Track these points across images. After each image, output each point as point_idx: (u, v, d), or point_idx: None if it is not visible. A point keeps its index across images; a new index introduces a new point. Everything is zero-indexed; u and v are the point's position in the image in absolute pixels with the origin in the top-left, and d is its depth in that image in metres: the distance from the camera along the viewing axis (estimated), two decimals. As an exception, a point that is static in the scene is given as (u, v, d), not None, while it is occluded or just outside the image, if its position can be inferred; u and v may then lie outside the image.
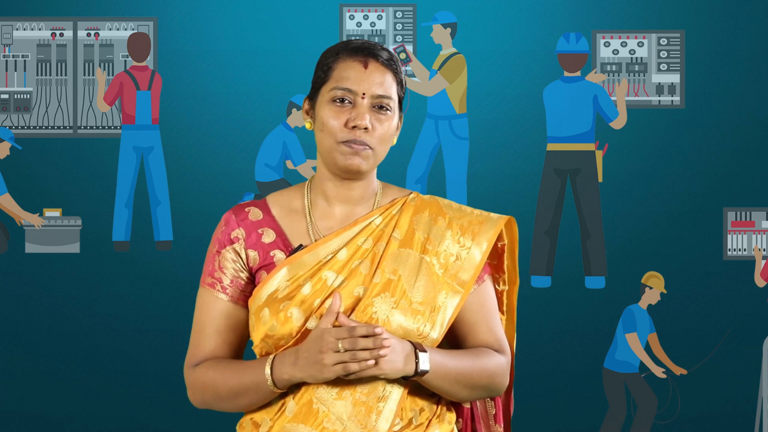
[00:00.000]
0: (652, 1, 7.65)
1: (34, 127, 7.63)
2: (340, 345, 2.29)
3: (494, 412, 2.61)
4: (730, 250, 7.55)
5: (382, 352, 2.30)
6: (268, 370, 2.38)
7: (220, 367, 2.44)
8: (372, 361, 2.30)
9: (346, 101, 2.43)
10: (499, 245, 2.57)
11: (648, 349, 7.09)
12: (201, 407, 2.51)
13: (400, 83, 2.48)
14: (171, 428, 7.15)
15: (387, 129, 2.44)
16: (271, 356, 2.40)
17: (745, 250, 7.54)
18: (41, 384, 7.33)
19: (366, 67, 2.43)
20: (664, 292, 7.17)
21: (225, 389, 2.43)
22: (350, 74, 2.43)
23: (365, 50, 2.45)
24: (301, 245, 2.44)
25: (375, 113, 2.43)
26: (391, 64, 2.45)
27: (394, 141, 2.51)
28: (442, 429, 2.48)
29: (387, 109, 2.44)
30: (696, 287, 7.49)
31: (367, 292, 2.40)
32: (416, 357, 2.36)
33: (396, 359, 2.34)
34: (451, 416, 2.52)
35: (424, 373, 2.37)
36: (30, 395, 7.31)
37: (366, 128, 2.41)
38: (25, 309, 7.45)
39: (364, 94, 2.42)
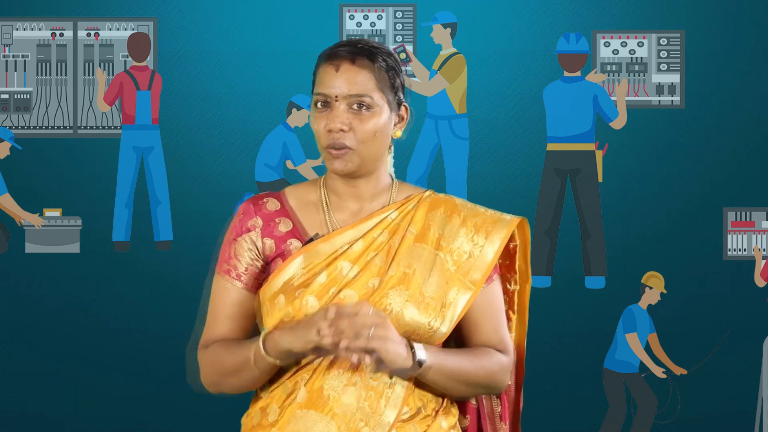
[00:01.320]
0: (652, 1, 7.65)
1: (34, 127, 7.63)
2: (342, 324, 2.32)
3: (500, 410, 2.63)
4: (730, 250, 7.55)
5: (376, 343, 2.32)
6: (260, 339, 2.41)
7: (226, 344, 2.49)
8: (355, 356, 2.33)
9: (327, 105, 2.46)
10: (511, 246, 2.61)
11: (648, 349, 7.09)
12: (212, 390, 2.54)
13: (385, 79, 2.48)
14: (171, 428, 7.15)
15: (372, 127, 2.46)
16: (263, 333, 2.43)
17: (745, 250, 7.54)
18: (41, 384, 7.33)
19: (337, 70, 2.46)
20: (664, 292, 7.17)
21: (229, 364, 2.46)
22: (324, 78, 2.47)
23: (340, 53, 2.47)
24: (317, 234, 2.47)
25: (354, 113, 2.45)
26: (367, 63, 2.46)
27: (398, 134, 2.53)
28: (448, 421, 2.51)
29: (367, 107, 2.45)
30: (696, 287, 7.49)
31: (381, 284, 2.43)
32: (412, 348, 2.38)
33: (398, 347, 2.35)
34: (455, 409, 2.55)
35: (422, 363, 2.38)
36: (30, 395, 7.31)
37: (342, 130, 2.44)
38: (25, 309, 7.45)
39: (336, 96, 2.45)
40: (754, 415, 7.10)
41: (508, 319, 2.63)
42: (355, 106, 2.45)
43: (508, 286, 2.63)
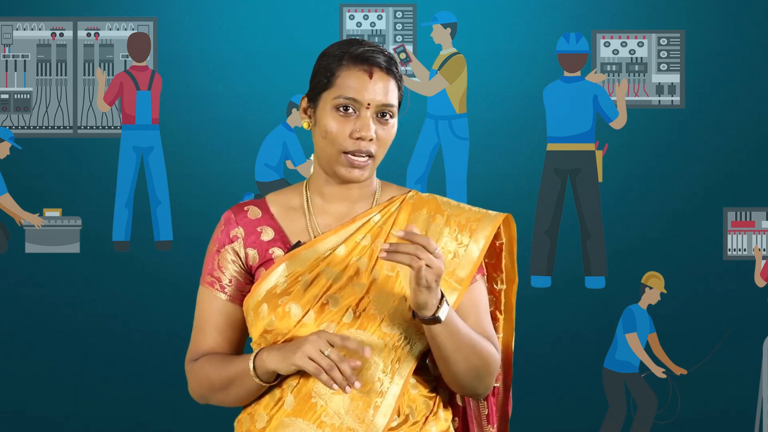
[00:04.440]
0: (652, 1, 7.65)
1: (34, 127, 7.63)
2: (327, 351, 2.30)
3: (486, 412, 2.61)
4: (730, 250, 7.55)
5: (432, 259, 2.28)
6: (252, 358, 2.40)
7: (215, 360, 2.47)
8: (337, 385, 2.30)
9: (350, 109, 2.44)
10: (497, 244, 2.58)
11: (648, 349, 7.09)
12: (200, 401, 2.54)
13: (400, 87, 2.49)
14: (171, 428, 7.15)
15: (391, 135, 2.47)
16: (261, 348, 2.42)
17: (745, 250, 7.54)
18: (41, 384, 7.33)
19: (371, 76, 2.44)
20: (664, 292, 7.17)
21: (218, 380, 2.45)
22: (355, 84, 2.43)
23: (369, 59, 2.45)
24: (299, 242, 2.45)
25: (378, 121, 2.45)
26: (391, 70, 2.46)
27: None
28: (438, 426, 2.49)
29: (390, 116, 2.46)
30: (696, 287, 7.49)
31: (365, 288, 2.42)
32: (440, 303, 2.34)
33: (437, 290, 2.31)
34: (447, 414, 2.53)
35: (438, 320, 2.34)
36: (30, 395, 7.31)
37: (371, 139, 2.43)
38: (25, 309, 7.45)
39: (368, 104, 2.43)
40: (754, 415, 7.10)
41: (495, 319, 2.60)
42: (378, 114, 2.44)
43: (495, 285, 2.60)
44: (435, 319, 2.35)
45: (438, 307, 2.34)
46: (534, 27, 7.61)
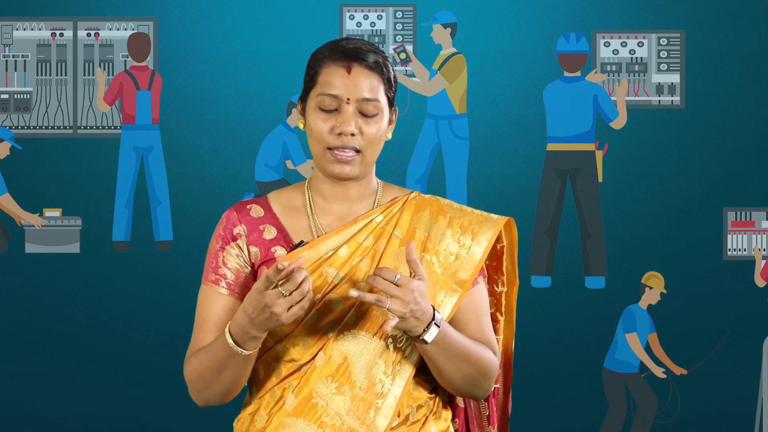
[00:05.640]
0: (652, 1, 7.65)
1: (34, 127, 7.63)
2: (282, 290, 2.27)
3: (487, 413, 2.62)
4: (730, 250, 7.55)
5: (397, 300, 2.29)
6: (229, 338, 2.35)
7: (199, 353, 2.44)
8: (307, 300, 2.28)
9: (333, 107, 2.43)
10: (498, 247, 2.58)
11: (648, 349, 7.09)
12: (202, 403, 2.49)
13: (389, 83, 2.47)
14: (171, 428, 7.15)
15: (376, 131, 2.45)
16: (228, 324, 2.38)
17: (745, 250, 7.54)
18: (41, 384, 7.33)
19: (349, 72, 2.43)
20: (664, 292, 7.17)
21: (207, 371, 2.42)
22: (334, 80, 2.43)
23: (349, 54, 2.44)
24: (302, 241, 2.45)
25: (362, 117, 2.44)
26: (376, 67, 2.45)
27: (389, 136, 2.51)
28: (438, 426, 2.49)
29: (374, 111, 2.45)
30: (696, 287, 7.49)
31: (367, 290, 2.41)
32: (427, 326, 2.35)
33: (417, 312, 2.32)
34: (447, 414, 2.53)
35: (424, 342, 2.36)
36: (30, 395, 7.31)
37: (352, 134, 2.42)
38: (25, 309, 7.45)
39: (348, 99, 2.42)
40: (754, 415, 7.10)
41: (496, 321, 2.61)
42: (362, 110, 2.44)
43: (496, 287, 2.60)
44: (422, 341, 2.36)
45: (425, 330, 2.34)
46: (534, 27, 7.61)
